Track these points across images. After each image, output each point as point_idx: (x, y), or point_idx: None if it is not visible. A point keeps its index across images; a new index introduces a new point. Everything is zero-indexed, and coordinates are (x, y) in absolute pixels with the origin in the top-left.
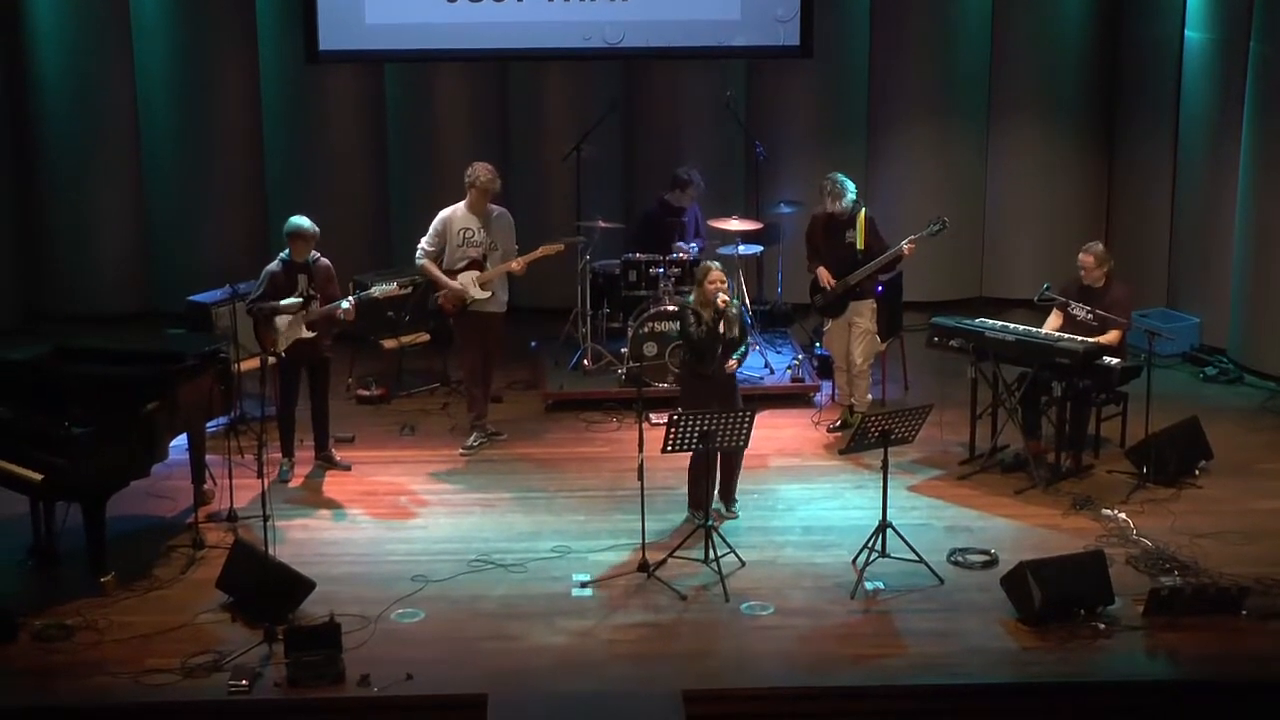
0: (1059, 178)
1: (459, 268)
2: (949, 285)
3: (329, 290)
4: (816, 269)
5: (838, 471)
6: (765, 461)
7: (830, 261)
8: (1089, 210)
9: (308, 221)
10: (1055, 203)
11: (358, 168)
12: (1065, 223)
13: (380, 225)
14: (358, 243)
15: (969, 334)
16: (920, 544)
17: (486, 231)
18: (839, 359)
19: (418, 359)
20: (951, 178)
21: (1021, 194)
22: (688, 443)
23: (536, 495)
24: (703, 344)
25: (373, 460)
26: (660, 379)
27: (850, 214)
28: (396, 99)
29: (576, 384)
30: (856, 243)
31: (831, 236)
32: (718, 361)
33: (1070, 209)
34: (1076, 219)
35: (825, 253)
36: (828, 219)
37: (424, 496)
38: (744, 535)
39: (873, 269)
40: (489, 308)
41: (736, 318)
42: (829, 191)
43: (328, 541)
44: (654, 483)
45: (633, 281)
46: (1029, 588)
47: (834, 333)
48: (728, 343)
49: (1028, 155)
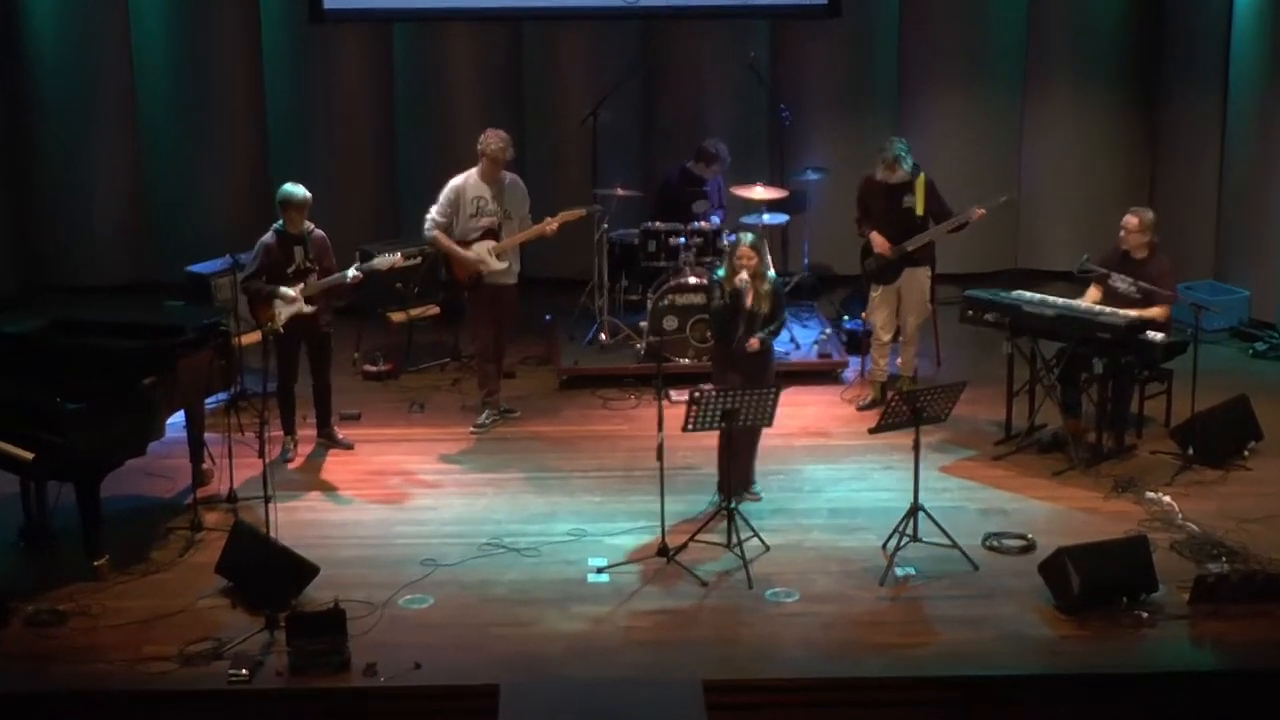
0: (1099, 143)
1: (473, 239)
2: (983, 257)
3: (325, 262)
4: (869, 233)
5: (866, 452)
6: (791, 441)
7: (885, 225)
8: (1131, 178)
9: (301, 188)
10: (1095, 170)
11: (364, 134)
12: (1105, 191)
13: (387, 194)
14: (364, 212)
15: (1005, 307)
16: (953, 528)
17: (499, 201)
18: (881, 329)
19: (427, 333)
20: (986, 143)
21: (1059, 160)
22: (710, 421)
23: (551, 476)
24: (722, 316)
25: (379, 439)
26: (680, 354)
27: (909, 177)
28: (405, 61)
29: (593, 359)
30: (915, 207)
31: (887, 200)
32: (738, 338)
33: (1111, 177)
34: (1117, 187)
35: (879, 217)
36: (882, 181)
37: (433, 477)
38: (768, 518)
39: (935, 235)
40: (503, 279)
41: (769, 294)
42: (886, 163)
43: (332, 524)
44: (674, 463)
45: (652, 252)
46: (1068, 574)
47: (881, 300)
48: (752, 318)
49: (1066, 119)
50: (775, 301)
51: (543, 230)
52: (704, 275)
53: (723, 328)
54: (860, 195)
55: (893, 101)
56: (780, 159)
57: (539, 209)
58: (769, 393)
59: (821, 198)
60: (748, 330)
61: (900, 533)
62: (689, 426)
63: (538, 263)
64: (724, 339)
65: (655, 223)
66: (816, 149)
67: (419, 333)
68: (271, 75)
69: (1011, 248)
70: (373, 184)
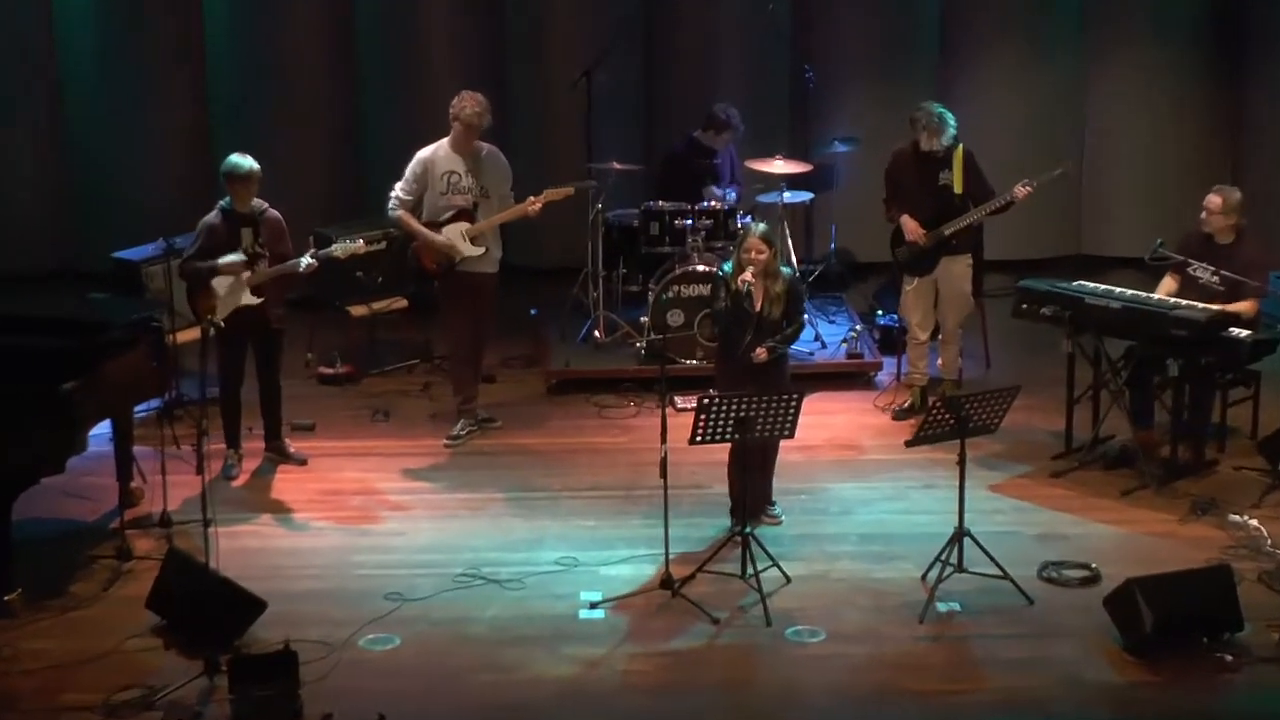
0: (1175, 112)
1: (444, 219)
2: (1040, 241)
3: (279, 247)
4: (899, 217)
5: (903, 467)
6: (815, 455)
7: (918, 207)
8: (1212, 152)
9: (249, 160)
10: (1170, 142)
11: (321, 100)
12: (1182, 167)
13: (347, 168)
14: (320, 190)
15: (1065, 300)
16: (1004, 556)
17: (475, 175)
18: (917, 326)
19: (392, 329)
20: (1042, 111)
21: (1128, 131)
22: (722, 432)
23: (537, 496)
24: (725, 321)
25: (337, 453)
26: (687, 354)
27: (945, 151)
28: (367, 15)
29: (586, 360)
30: (953, 186)
31: (921, 177)
32: (745, 346)
33: (1189, 150)
34: (1197, 163)
35: (912, 197)
36: (917, 156)
37: (400, 497)
38: (790, 545)
39: (975, 218)
40: (480, 267)
41: (781, 295)
42: (924, 125)
43: (282, 551)
44: (680, 480)
45: (654, 235)
46: (1138, 609)
47: (918, 294)
48: (763, 324)
49: (1136, 83)
50: (790, 304)
51: (526, 210)
52: (714, 263)
53: (726, 335)
54: (889, 172)
55: (932, 62)
56: (803, 128)
57: (522, 185)
58: (789, 399)
59: (851, 172)
60: (756, 338)
61: (943, 562)
62: (697, 438)
63: (521, 248)
64: (728, 349)
65: (658, 201)
66: (845, 116)
67: (383, 329)
68: (214, 34)
69: (1073, 231)
70: (329, 157)
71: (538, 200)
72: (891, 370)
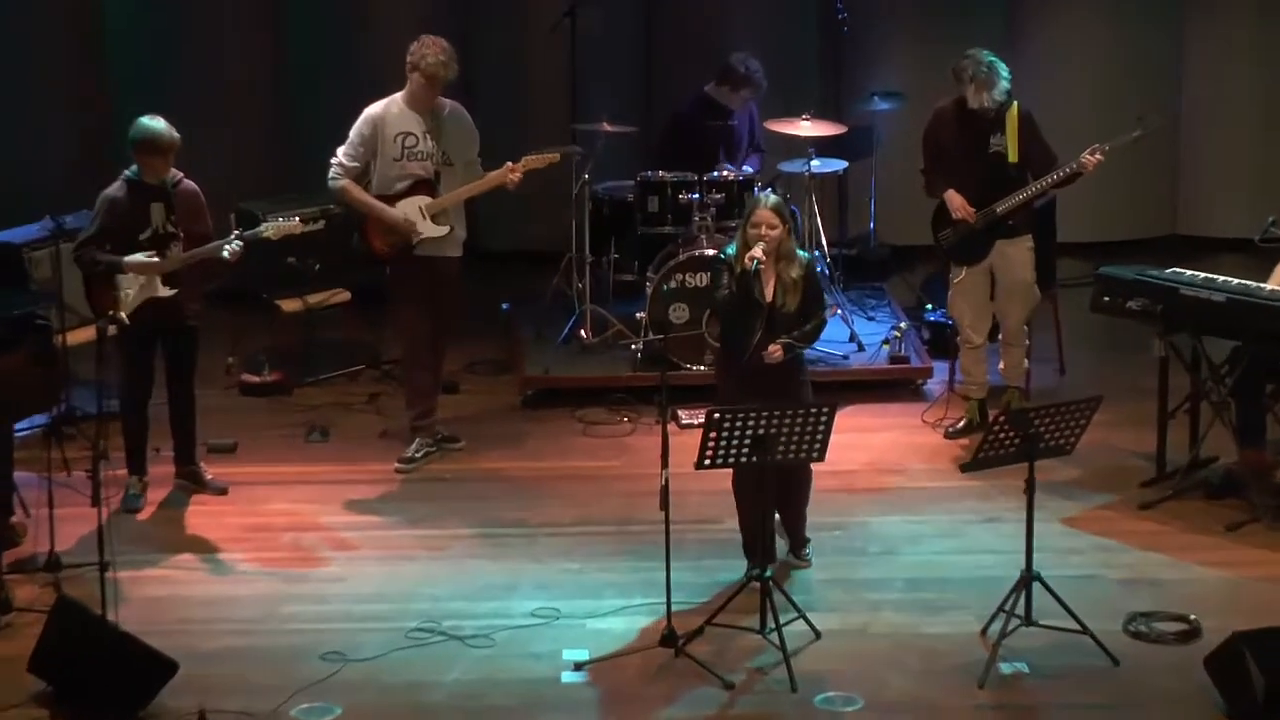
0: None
1: (398, 191)
2: (1126, 219)
3: (196, 227)
4: (943, 191)
5: (960, 497)
6: (851, 481)
7: (965, 179)
8: None
9: (162, 124)
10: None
11: (243, 50)
12: None
13: (276, 132)
14: (244, 157)
15: (1156, 291)
16: (1083, 605)
17: (436, 138)
18: (970, 327)
19: (333, 328)
20: (1130, 65)
21: (1233, 91)
22: (736, 454)
23: (510, 532)
24: (729, 313)
25: (264, 480)
26: (694, 358)
27: (997, 110)
28: None
29: (570, 365)
30: (1007, 153)
31: (968, 142)
32: (753, 346)
33: None
34: None
35: (957, 166)
36: (961, 116)
37: (342, 534)
38: (819, 592)
39: (1034, 192)
40: (443, 250)
41: (798, 283)
42: (971, 77)
43: (197, 601)
44: (685, 513)
45: (653, 213)
46: (1246, 671)
47: (968, 286)
48: (775, 318)
49: (1241, 35)
50: (809, 293)
51: (499, 181)
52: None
53: (731, 330)
54: (928, 135)
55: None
56: (836, 81)
57: (494, 152)
58: (819, 414)
59: (894, 136)
60: (768, 335)
61: (1007, 613)
62: (706, 461)
63: (490, 228)
64: (732, 348)
65: (659, 171)
66: (888, 67)
67: (322, 328)
68: None
69: (1167, 207)
70: (256, 118)
71: (517, 168)
72: (943, 378)
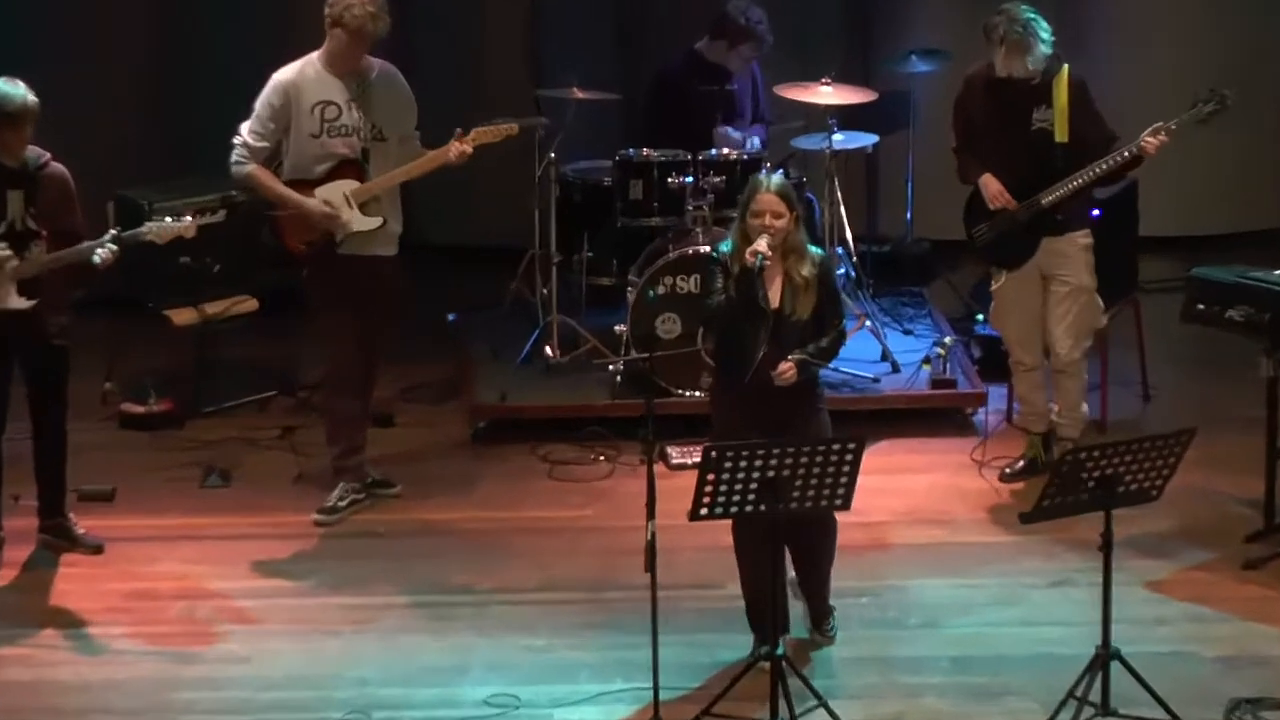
0: None
1: (318, 174)
2: (1224, 209)
3: (62, 222)
4: (977, 176)
5: (1018, 554)
6: (884, 535)
7: (1003, 161)
8: None
9: (21, 90)
10: None
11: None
12: None
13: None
14: (125, 133)
15: (1263, 296)
16: (1173, 689)
17: (363, 108)
18: (1018, 345)
19: (237, 344)
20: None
21: None
22: (740, 501)
23: (457, 600)
24: (728, 325)
25: (150, 535)
26: (686, 382)
27: (1041, 77)
28: None
29: (532, 391)
30: (1054, 130)
31: (1005, 116)
32: (757, 364)
33: None
34: None
35: (993, 146)
36: (996, 84)
37: (246, 603)
38: (845, 674)
39: (1087, 180)
40: (374, 247)
41: (811, 284)
42: (1002, 37)
43: (66, 686)
44: (676, 576)
45: (636, 201)
46: None
47: (1013, 294)
48: (784, 328)
49: None
50: (825, 298)
51: (443, 160)
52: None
53: (728, 346)
54: (959, 107)
55: None
56: (863, 38)
57: (438, 124)
58: (842, 450)
59: (936, 104)
60: (775, 350)
61: (1079, 699)
62: (703, 511)
63: (432, 219)
64: (731, 368)
65: (643, 149)
66: (928, 20)
67: (223, 344)
68: None
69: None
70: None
71: (465, 142)
72: (999, 406)
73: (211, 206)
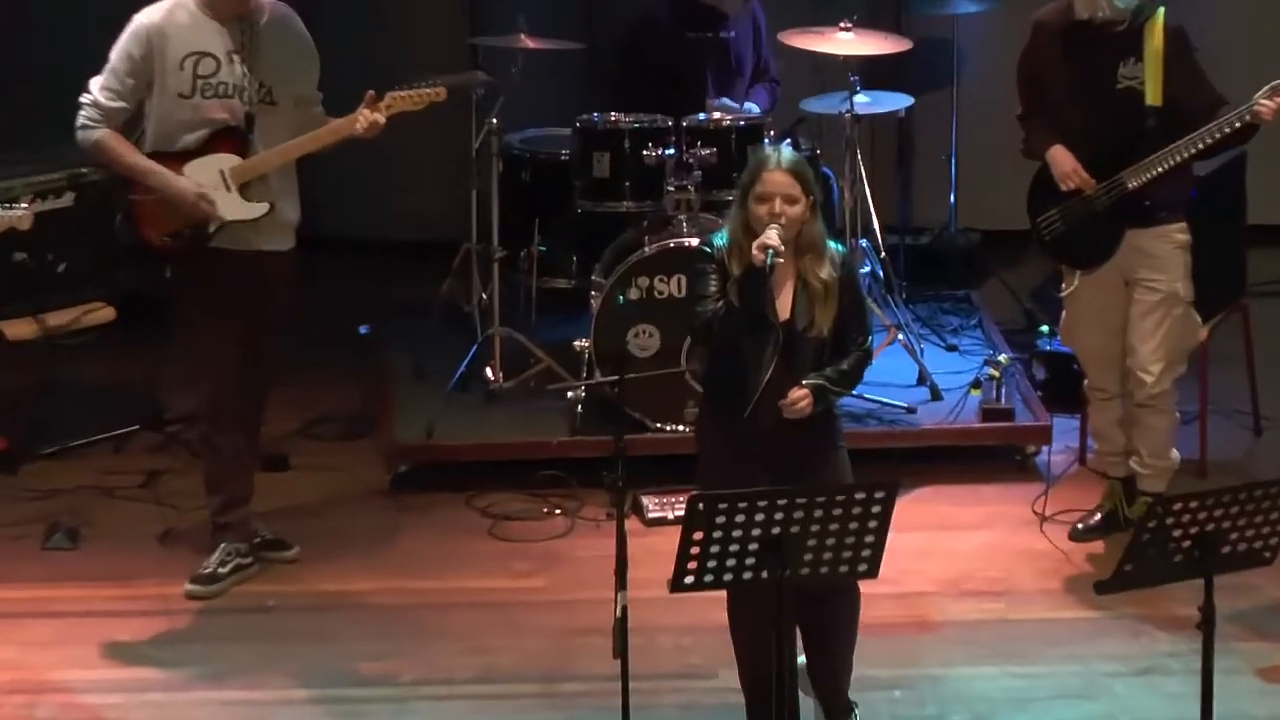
0: None
1: (188, 146)
2: None
3: None
4: (1045, 149)
5: (1095, 634)
6: (922, 610)
7: (1078, 132)
8: None
9: None
10: None
11: None
12: None
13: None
14: None
15: None
16: None
17: (248, 62)
18: (1095, 362)
19: (87, 365)
20: None
21: None
22: (735, 566)
23: (371, 694)
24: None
25: None
26: (666, 413)
27: (1130, 22)
28: None
29: (467, 424)
30: (1145, 90)
31: (1081, 74)
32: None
33: None
34: None
35: (1065, 112)
36: (1071, 32)
37: (99, 698)
38: None
39: (1187, 156)
40: (258, 240)
41: (831, 290)
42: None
43: None
44: (653, 663)
45: (602, 180)
46: None
47: (1085, 301)
48: (795, 344)
49: None
50: (848, 307)
51: (349, 130)
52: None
53: (723, 366)
54: (1023, 63)
55: None
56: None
57: (349, 84)
58: (868, 499)
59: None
60: (784, 373)
61: None
62: (688, 579)
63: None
64: (728, 396)
65: (611, 113)
66: None
67: (70, 364)
68: None
69: None
70: None
71: (378, 108)
72: (1069, 444)
73: (54, 188)
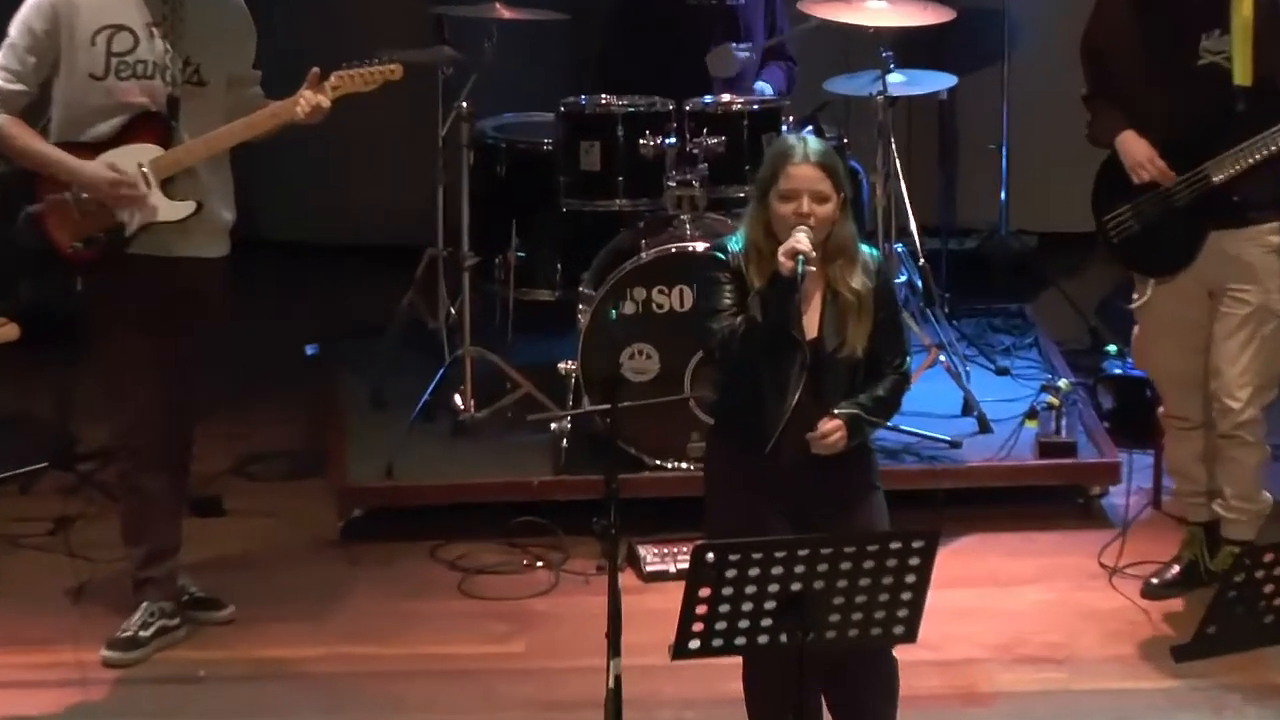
0: None
1: (98, 135)
2: None
3: None
4: (1115, 135)
5: (1171, 708)
6: (970, 679)
7: (1155, 114)
8: None
9: None
10: None
11: None
12: None
13: None
14: None
15: None
16: None
17: (174, 37)
18: (1173, 386)
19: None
20: None
21: None
22: (748, 628)
23: None
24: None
25: None
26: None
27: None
28: None
29: (433, 462)
30: (1233, 67)
31: (1157, 49)
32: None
33: None
34: None
35: (1139, 94)
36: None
37: None
38: None
39: None
40: (185, 245)
41: (865, 303)
42: None
43: None
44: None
45: (591, 175)
46: None
47: (1165, 315)
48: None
49: None
50: (884, 322)
51: (289, 115)
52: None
53: (739, 394)
54: (1089, 36)
55: None
56: None
57: (292, 61)
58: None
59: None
60: (811, 401)
61: None
62: (694, 644)
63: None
64: (744, 428)
65: (601, 96)
66: None
67: None
68: None
69: None
70: None
71: (321, 90)
72: (1144, 484)
73: None
